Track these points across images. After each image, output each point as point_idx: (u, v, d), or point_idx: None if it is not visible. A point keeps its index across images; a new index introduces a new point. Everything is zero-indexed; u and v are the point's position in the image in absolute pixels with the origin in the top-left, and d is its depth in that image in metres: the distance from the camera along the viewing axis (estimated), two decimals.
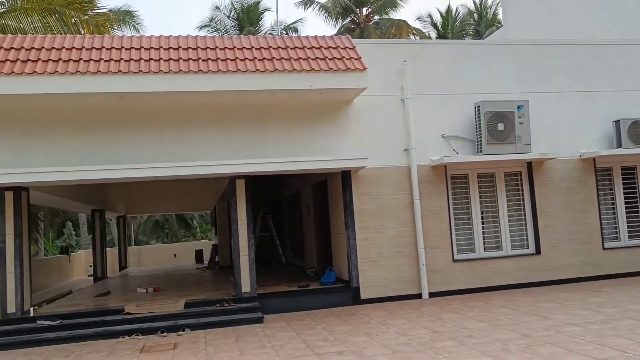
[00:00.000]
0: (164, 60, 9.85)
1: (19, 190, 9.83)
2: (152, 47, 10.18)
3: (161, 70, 9.57)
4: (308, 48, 10.65)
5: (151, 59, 9.85)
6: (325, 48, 10.70)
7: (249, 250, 10.51)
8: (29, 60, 9.39)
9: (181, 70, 9.65)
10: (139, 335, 9.05)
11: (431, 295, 11.09)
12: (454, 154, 11.43)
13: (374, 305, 10.70)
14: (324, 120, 10.99)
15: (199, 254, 24.42)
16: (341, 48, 10.76)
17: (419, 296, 11.08)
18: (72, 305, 11.24)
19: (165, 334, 9.05)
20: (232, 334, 8.84)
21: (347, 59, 10.46)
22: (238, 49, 10.41)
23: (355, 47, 10.83)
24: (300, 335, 8.41)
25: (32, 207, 18.29)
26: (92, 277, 21.90)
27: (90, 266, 22.82)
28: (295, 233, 17.47)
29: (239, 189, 10.56)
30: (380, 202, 11.13)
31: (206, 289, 12.58)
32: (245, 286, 10.42)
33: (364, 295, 10.88)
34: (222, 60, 10.03)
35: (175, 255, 27.34)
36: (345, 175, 11.04)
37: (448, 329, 8.12)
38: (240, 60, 10.08)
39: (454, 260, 11.37)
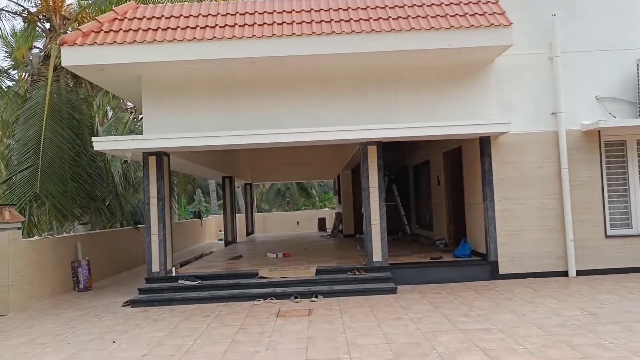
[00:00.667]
0: (297, 23, 9.67)
1: (161, 156, 10.23)
2: (284, 11, 10.03)
3: (294, 34, 9.39)
4: (446, 4, 9.93)
5: (284, 22, 9.71)
6: (464, 4, 9.92)
7: (381, 219, 10.19)
8: (169, 28, 9.64)
9: (314, 32, 9.40)
10: (273, 299, 9.13)
11: (579, 273, 10.10)
12: (610, 118, 10.20)
13: (513, 281, 9.96)
14: (462, 83, 10.26)
15: (321, 222, 24.67)
16: (482, 3, 9.91)
17: (564, 274, 10.15)
18: (208, 267, 11.67)
19: (299, 299, 9.05)
20: (366, 303, 8.62)
21: (489, 14, 9.61)
22: (371, 8, 9.95)
23: (498, 0, 9.92)
24: (438, 308, 7.98)
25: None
26: (222, 241, 22.97)
27: (220, 230, 23.93)
28: (422, 203, 16.90)
29: (371, 155, 10.21)
30: (523, 171, 10.26)
31: (334, 256, 12.50)
32: (377, 255, 10.15)
33: (502, 270, 10.17)
34: (354, 20, 9.64)
35: (298, 222, 27.88)
36: (484, 142, 10.26)
37: (608, 312, 7.26)
38: (374, 20, 9.63)
39: (607, 236, 10.24)
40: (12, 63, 19.12)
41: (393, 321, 7.35)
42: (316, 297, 9.14)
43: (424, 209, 16.53)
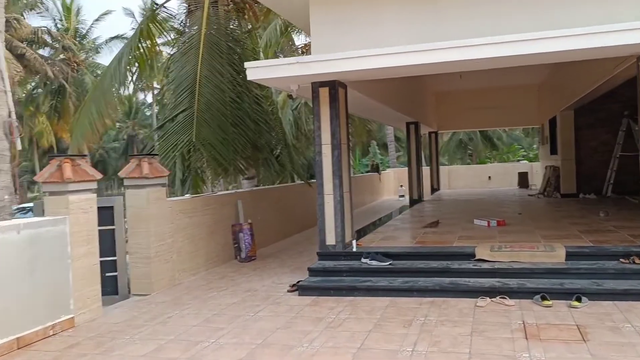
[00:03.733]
0: None
1: (335, 86, 7.41)
2: None
3: None
4: None
5: None
6: None
7: None
8: None
9: None
10: (505, 299, 5.92)
11: None
12: None
13: None
14: None
15: (523, 178, 20.50)
16: None
17: None
18: (397, 238, 8.83)
19: (549, 302, 5.71)
20: None
21: None
22: None
23: None
24: None
25: None
26: (402, 198, 20.14)
27: (401, 186, 21.08)
28: None
29: None
30: None
31: (572, 228, 8.79)
32: None
33: None
34: None
35: (489, 177, 23.87)
36: None
37: None
38: None
39: None
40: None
41: None
42: (578, 300, 5.71)
43: None
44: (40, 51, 37.46)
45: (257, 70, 7.07)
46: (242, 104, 11.12)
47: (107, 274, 7.30)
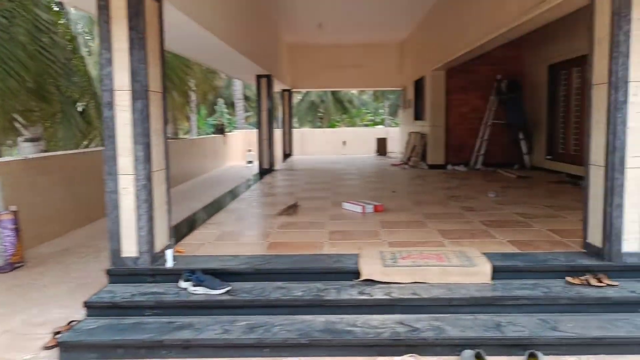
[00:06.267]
0: None
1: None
2: None
3: None
4: None
5: None
6: None
7: None
8: None
9: None
10: (414, 358, 3.54)
11: None
12: None
13: None
14: None
15: (381, 144, 18.89)
16: None
17: None
18: (241, 237, 6.11)
19: None
20: None
21: None
22: None
23: None
24: None
25: (171, 68, 13.63)
26: (250, 165, 17.53)
27: (250, 150, 18.41)
28: (566, 123, 11.02)
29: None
30: None
31: (475, 218, 6.80)
32: (631, 241, 4.44)
33: None
34: None
35: (344, 143, 22.11)
36: None
37: None
38: None
39: None
40: None
41: None
42: (533, 357, 3.50)
43: (568, 130, 10.68)
44: None
45: None
46: (15, 29, 7.52)
47: None
